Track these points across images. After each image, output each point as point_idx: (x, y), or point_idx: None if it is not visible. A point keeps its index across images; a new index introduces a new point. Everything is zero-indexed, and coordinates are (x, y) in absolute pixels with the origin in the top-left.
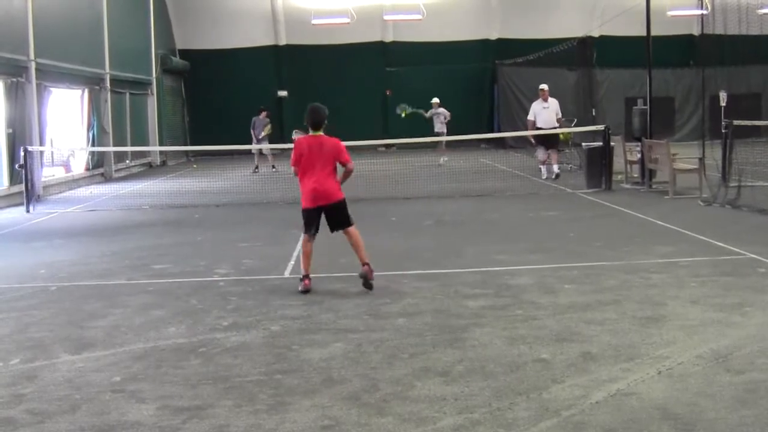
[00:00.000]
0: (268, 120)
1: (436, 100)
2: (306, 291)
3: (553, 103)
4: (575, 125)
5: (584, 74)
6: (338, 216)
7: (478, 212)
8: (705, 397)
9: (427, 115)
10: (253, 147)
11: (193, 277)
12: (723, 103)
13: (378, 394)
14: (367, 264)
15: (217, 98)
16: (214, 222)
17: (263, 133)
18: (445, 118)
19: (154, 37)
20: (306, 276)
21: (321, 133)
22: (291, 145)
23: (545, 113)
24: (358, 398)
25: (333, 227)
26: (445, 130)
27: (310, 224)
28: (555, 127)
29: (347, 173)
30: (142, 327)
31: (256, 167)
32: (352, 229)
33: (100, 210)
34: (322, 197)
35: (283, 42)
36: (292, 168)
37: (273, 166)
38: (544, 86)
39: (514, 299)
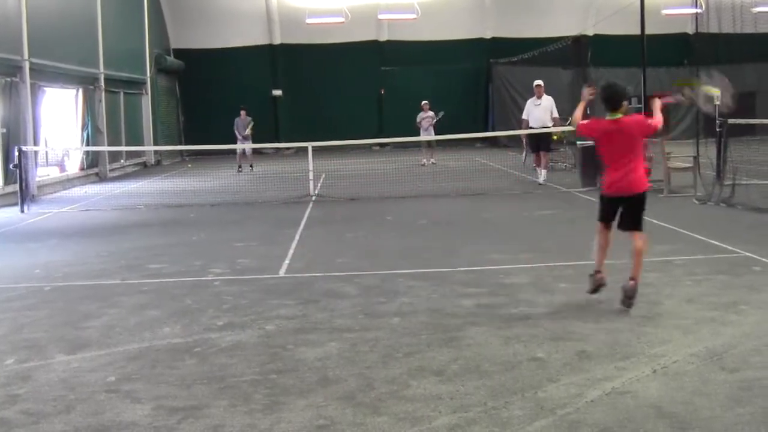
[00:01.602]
0: (250, 119)
1: (425, 102)
2: (596, 288)
3: (546, 101)
4: (569, 124)
5: (579, 73)
6: (633, 213)
7: (473, 211)
8: (700, 395)
9: (424, 119)
10: (246, 147)
11: (188, 276)
12: (717, 102)
13: (373, 393)
14: (635, 280)
15: (212, 97)
16: (209, 221)
17: (248, 131)
18: (432, 119)
19: (149, 36)
20: (597, 271)
21: (619, 115)
22: (286, 144)
23: (537, 111)
24: (353, 398)
25: (622, 225)
26: (432, 132)
27: (604, 213)
28: (546, 127)
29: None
30: (137, 327)
31: (240, 167)
32: (639, 236)
33: (94, 210)
34: (625, 188)
35: (277, 41)
36: (577, 124)
37: (251, 166)
38: (538, 82)
39: (510, 298)
